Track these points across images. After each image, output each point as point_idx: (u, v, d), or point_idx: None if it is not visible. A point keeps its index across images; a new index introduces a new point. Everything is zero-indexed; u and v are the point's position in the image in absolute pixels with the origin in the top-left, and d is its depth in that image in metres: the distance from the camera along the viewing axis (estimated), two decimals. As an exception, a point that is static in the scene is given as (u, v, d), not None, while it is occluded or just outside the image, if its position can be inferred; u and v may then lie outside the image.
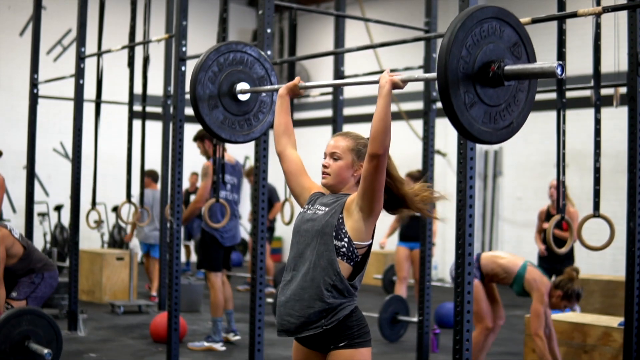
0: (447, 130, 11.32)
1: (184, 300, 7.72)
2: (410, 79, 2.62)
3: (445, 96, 2.39)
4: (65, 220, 11.41)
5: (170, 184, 5.46)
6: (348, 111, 9.20)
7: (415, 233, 7.07)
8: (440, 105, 6.30)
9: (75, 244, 6.89)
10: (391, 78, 2.58)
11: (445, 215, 11.40)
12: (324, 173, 2.82)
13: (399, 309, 6.85)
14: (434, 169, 5.81)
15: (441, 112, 7.61)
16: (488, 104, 2.48)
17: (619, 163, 8.33)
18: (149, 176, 8.80)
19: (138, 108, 7.26)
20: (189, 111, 5.29)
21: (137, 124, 7.10)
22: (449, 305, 7.53)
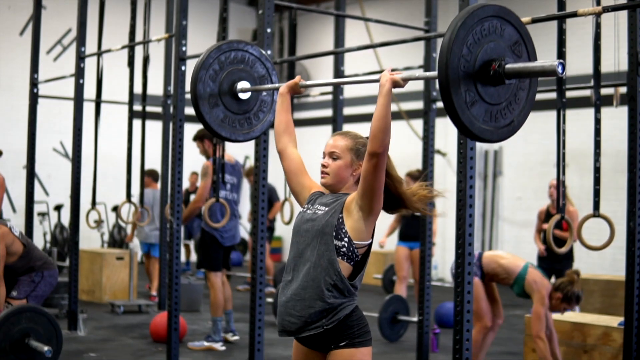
0: (447, 129, 11.32)
1: (184, 300, 7.72)
2: (411, 77, 2.62)
3: (446, 95, 2.39)
4: (65, 220, 11.42)
5: (170, 184, 5.46)
6: (348, 111, 9.20)
7: (415, 233, 7.07)
8: (440, 104, 6.26)
9: (75, 243, 6.89)
10: (392, 77, 2.58)
11: (445, 214, 11.43)
12: (323, 173, 2.82)
13: (399, 309, 6.85)
14: (434, 168, 5.81)
15: (441, 112, 7.61)
16: (489, 102, 2.48)
17: (619, 163, 8.32)
18: (149, 176, 8.79)
19: (138, 108, 7.26)
20: (189, 111, 5.29)
21: (137, 124, 7.10)
22: (449, 305, 7.53)
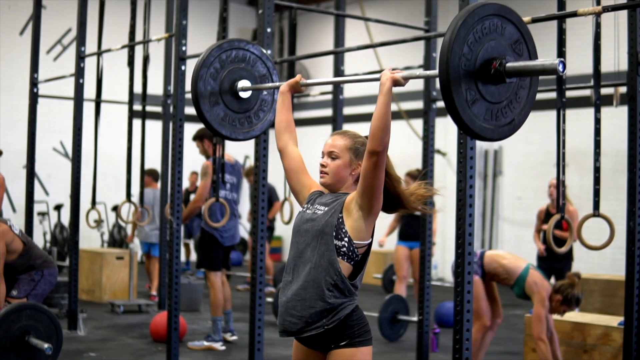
0: (447, 129, 11.33)
1: (184, 300, 7.71)
2: (411, 76, 2.61)
3: (446, 93, 2.38)
4: (65, 220, 11.42)
5: (170, 183, 5.46)
6: (348, 110, 9.20)
7: (414, 232, 7.07)
8: (440, 104, 6.21)
9: (75, 243, 6.89)
10: (392, 75, 2.57)
11: (445, 214, 11.47)
12: (322, 172, 2.81)
13: (399, 309, 6.85)
14: (434, 168, 5.81)
15: (441, 112, 7.62)
16: (490, 101, 2.47)
17: (618, 162, 8.33)
18: (149, 175, 8.79)
19: (138, 107, 7.26)
20: (189, 110, 5.30)
21: (137, 123, 7.10)
22: (448, 305, 7.53)
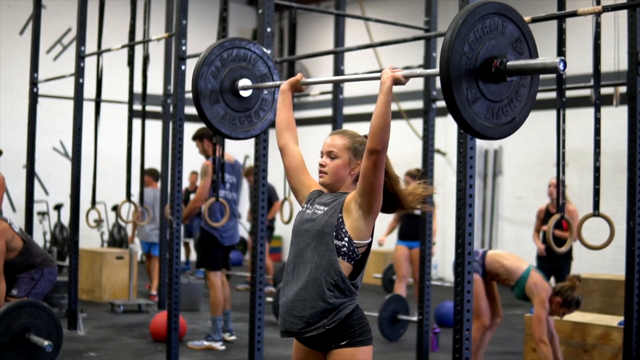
0: (447, 129, 11.33)
1: (184, 300, 7.71)
2: (412, 74, 2.61)
3: (447, 92, 2.38)
4: (65, 219, 11.41)
5: (170, 183, 5.46)
6: (348, 110, 9.20)
7: (414, 232, 7.07)
8: (440, 104, 6.21)
9: (75, 243, 6.89)
10: (393, 74, 2.57)
11: (445, 214, 11.47)
12: (321, 172, 2.81)
13: (399, 308, 6.85)
14: (433, 168, 5.81)
15: (441, 111, 7.57)
16: (490, 99, 2.47)
17: (618, 162, 8.33)
18: (149, 175, 8.79)
19: (138, 107, 7.26)
20: (189, 110, 5.30)
21: (137, 123, 7.10)
22: (448, 305, 7.53)
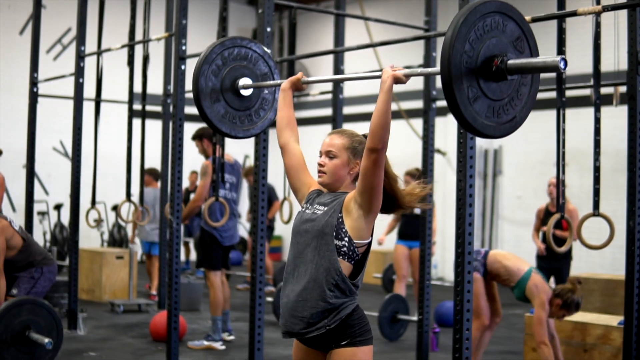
0: (447, 129, 11.33)
1: (184, 299, 7.71)
2: (413, 73, 2.61)
3: (448, 91, 2.38)
4: (65, 219, 11.42)
5: (170, 183, 5.46)
6: (348, 110, 9.20)
7: (414, 232, 7.06)
8: (440, 103, 6.20)
9: (75, 242, 6.89)
10: (393, 73, 2.56)
11: (445, 214, 11.47)
12: (320, 172, 2.80)
13: (399, 308, 6.85)
14: (433, 167, 5.80)
15: (441, 111, 7.53)
16: (491, 98, 2.47)
17: (618, 162, 8.32)
18: (149, 174, 8.79)
19: (138, 107, 7.26)
20: (189, 110, 5.30)
21: (137, 123, 7.10)
22: (448, 304, 7.53)
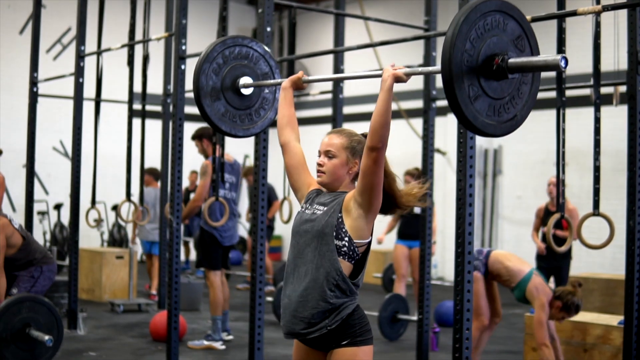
0: (447, 128, 11.33)
1: (184, 299, 7.72)
2: (414, 72, 2.60)
3: (449, 89, 2.38)
4: (65, 219, 11.42)
5: (170, 183, 5.46)
6: (348, 110, 9.19)
7: (413, 231, 7.06)
8: (440, 103, 6.18)
9: (75, 242, 6.89)
10: (394, 72, 2.56)
11: (445, 213, 11.47)
12: (319, 171, 2.80)
13: (399, 308, 6.85)
14: (433, 167, 5.80)
15: (441, 111, 7.51)
16: (492, 96, 2.47)
17: (618, 161, 8.33)
18: (150, 174, 8.78)
19: (138, 107, 7.27)
20: (189, 110, 5.30)
21: (137, 123, 7.10)
22: (448, 304, 7.53)
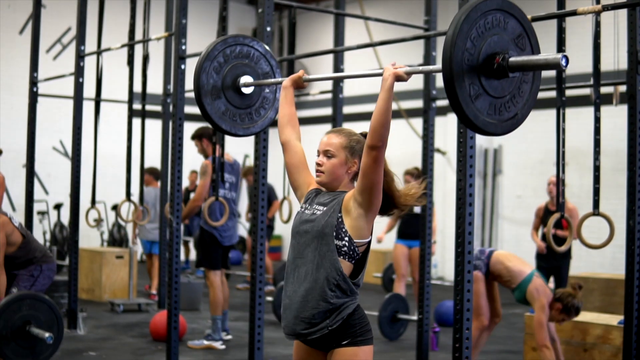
0: (447, 128, 11.33)
1: (184, 299, 7.72)
2: (414, 71, 2.60)
3: (450, 88, 2.38)
4: (64, 219, 11.41)
5: (170, 182, 5.46)
6: (348, 109, 9.19)
7: (413, 231, 7.05)
8: (440, 103, 6.18)
9: (74, 242, 6.89)
10: (395, 71, 2.56)
11: (445, 213, 11.47)
12: (318, 171, 2.80)
13: (399, 307, 6.85)
14: (433, 167, 5.79)
15: (441, 110, 7.51)
16: (493, 95, 2.47)
17: (618, 161, 8.33)
18: (150, 174, 8.78)
19: (138, 106, 7.27)
20: (189, 109, 5.30)
21: (137, 123, 7.10)
22: (448, 304, 7.53)
